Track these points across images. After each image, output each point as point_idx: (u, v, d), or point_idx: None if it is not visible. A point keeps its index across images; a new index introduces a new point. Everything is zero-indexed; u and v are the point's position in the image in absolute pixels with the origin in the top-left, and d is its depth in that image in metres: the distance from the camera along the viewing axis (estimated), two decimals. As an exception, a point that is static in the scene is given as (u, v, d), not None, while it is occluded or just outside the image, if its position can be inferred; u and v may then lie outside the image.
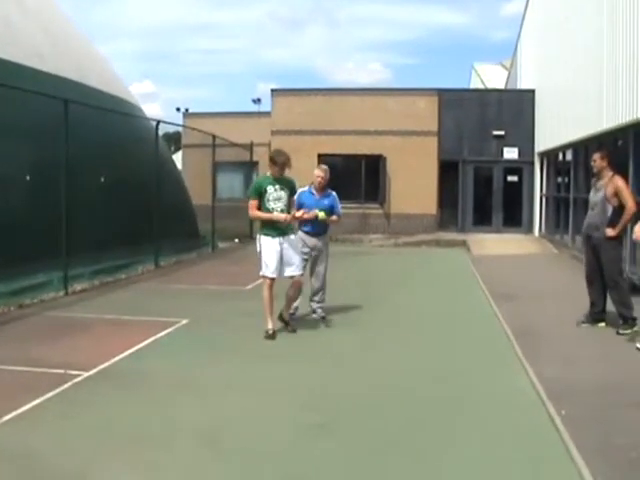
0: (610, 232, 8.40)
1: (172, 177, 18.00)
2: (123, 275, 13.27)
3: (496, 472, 4.47)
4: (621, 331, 8.38)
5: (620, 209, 8.38)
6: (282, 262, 8.36)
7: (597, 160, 8.71)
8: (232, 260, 17.25)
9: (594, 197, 8.79)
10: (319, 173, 9.23)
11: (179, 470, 4.42)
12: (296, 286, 8.61)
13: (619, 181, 8.48)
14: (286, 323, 8.70)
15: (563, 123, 19.19)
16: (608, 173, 8.62)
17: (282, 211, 8.32)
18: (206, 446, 4.84)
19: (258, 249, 8.42)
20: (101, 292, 11.56)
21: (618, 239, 8.52)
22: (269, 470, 4.47)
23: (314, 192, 9.19)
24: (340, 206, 9.44)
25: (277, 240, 8.31)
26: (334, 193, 9.40)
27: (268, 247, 8.32)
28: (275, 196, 8.33)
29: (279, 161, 8.31)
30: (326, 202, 9.17)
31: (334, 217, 9.30)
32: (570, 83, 18.42)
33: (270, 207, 8.31)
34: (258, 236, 8.51)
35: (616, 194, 8.41)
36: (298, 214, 8.59)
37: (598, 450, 4.70)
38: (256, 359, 7.34)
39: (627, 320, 8.44)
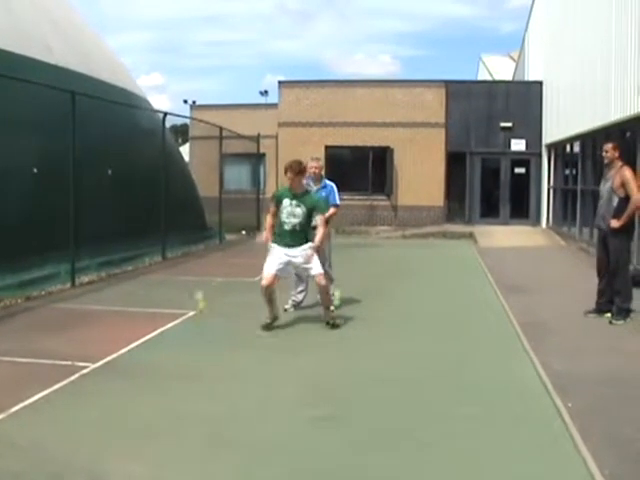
0: (614, 223, 8.36)
1: (179, 169, 18.01)
2: (130, 267, 13.30)
3: (502, 464, 4.46)
4: (614, 321, 8.47)
5: (626, 200, 8.32)
6: (292, 268, 8.45)
7: (609, 150, 8.65)
8: (239, 252, 17.27)
9: (603, 187, 8.77)
10: (312, 163, 9.21)
11: (186, 462, 4.43)
12: (319, 288, 8.35)
13: (627, 172, 8.42)
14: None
15: (571, 115, 19.12)
16: (618, 164, 8.58)
17: (294, 226, 8.08)
18: (213, 438, 4.85)
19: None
20: (108, 284, 11.60)
21: (624, 230, 8.46)
22: (276, 462, 4.47)
23: (311, 184, 9.11)
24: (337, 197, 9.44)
25: (282, 250, 8.17)
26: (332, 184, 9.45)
27: (272, 254, 8.22)
28: (289, 211, 8.10)
29: (287, 170, 8.11)
30: (323, 194, 9.13)
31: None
32: (578, 75, 18.34)
33: (282, 220, 8.14)
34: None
35: (623, 185, 8.36)
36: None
37: (605, 442, 4.70)
38: (263, 351, 7.35)
39: (621, 311, 8.52)
